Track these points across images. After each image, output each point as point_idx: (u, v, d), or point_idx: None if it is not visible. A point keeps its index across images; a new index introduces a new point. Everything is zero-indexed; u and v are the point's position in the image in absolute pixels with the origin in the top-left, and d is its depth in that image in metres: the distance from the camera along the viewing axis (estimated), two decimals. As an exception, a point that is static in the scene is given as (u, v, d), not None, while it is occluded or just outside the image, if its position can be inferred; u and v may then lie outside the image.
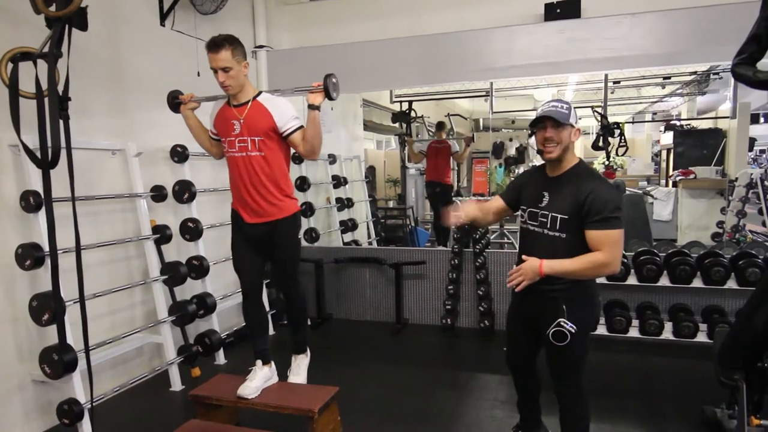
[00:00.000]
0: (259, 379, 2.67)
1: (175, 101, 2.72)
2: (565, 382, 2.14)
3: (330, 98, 2.49)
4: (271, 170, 2.54)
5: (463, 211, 2.33)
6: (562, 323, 1.96)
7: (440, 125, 6.39)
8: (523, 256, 2.03)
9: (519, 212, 2.21)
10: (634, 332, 3.82)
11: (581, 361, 2.13)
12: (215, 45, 2.40)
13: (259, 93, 2.56)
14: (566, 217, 1.97)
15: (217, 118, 2.62)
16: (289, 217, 2.63)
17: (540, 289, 2.04)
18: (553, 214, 2.00)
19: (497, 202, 2.32)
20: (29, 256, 2.63)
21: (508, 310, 2.33)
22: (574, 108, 2.00)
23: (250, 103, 2.51)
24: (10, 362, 2.77)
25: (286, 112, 2.51)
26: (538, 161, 2.90)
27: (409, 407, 3.09)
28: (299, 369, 2.89)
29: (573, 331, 1.96)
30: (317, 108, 2.47)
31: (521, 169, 6.73)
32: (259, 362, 2.73)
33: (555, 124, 1.96)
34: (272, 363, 2.79)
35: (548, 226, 2.02)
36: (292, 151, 2.68)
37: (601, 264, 1.91)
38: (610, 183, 2.00)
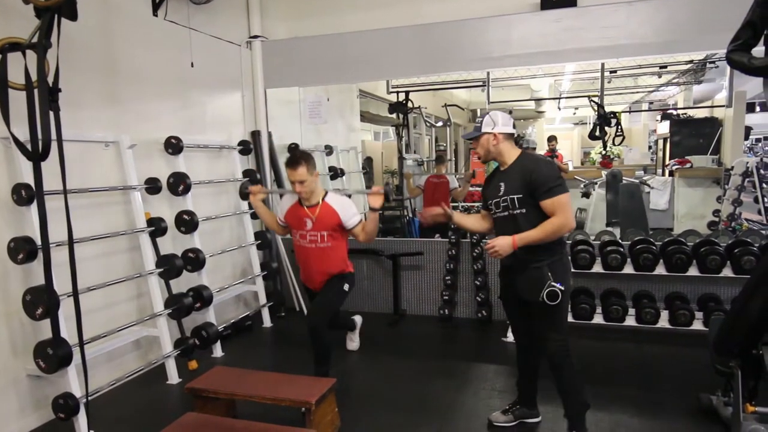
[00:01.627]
0: (356, 336, 3.78)
1: (245, 192, 3.33)
2: (554, 340, 2.40)
3: (388, 202, 2.98)
4: (336, 254, 3.10)
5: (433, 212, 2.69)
6: (552, 284, 2.30)
7: (439, 159, 6.17)
8: (500, 237, 2.38)
9: (491, 207, 2.54)
10: (630, 321, 3.82)
11: (565, 315, 2.50)
12: (294, 163, 2.90)
13: (326, 193, 3.07)
14: (520, 195, 2.36)
15: (289, 214, 3.14)
16: (341, 273, 3.15)
17: (527, 265, 2.39)
18: (511, 196, 2.40)
19: (484, 213, 2.70)
20: (22, 249, 2.61)
21: (501, 293, 2.70)
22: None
23: (320, 204, 3.03)
24: (5, 357, 2.75)
25: (350, 211, 3.06)
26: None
27: (407, 397, 3.09)
28: None
29: (563, 288, 2.31)
30: (377, 210, 2.99)
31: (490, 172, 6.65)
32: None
33: (472, 139, 2.54)
34: (357, 330, 3.74)
35: (510, 207, 2.40)
36: None
37: (559, 226, 2.30)
38: (548, 160, 2.56)
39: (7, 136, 2.40)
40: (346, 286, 3.15)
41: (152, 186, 3.52)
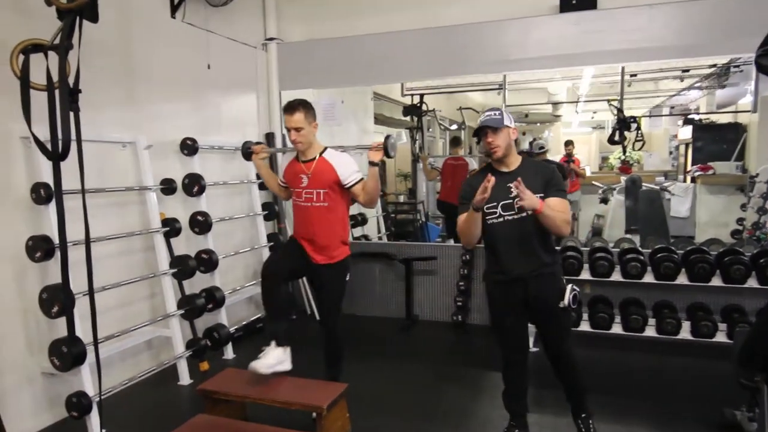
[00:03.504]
0: (273, 357, 2.69)
1: (248, 151, 3.12)
2: (567, 344, 2.46)
3: (388, 156, 2.77)
4: (334, 217, 2.85)
5: None
6: (572, 288, 2.35)
7: (455, 141, 6.25)
8: (521, 187, 2.20)
9: (487, 212, 2.37)
10: (650, 331, 3.78)
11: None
12: (291, 108, 2.72)
13: (325, 149, 2.84)
14: (541, 195, 2.30)
15: (287, 171, 2.95)
16: (341, 262, 2.88)
17: (539, 271, 2.37)
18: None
19: (462, 217, 2.43)
20: (39, 248, 2.67)
21: (495, 305, 2.54)
22: (510, 113, 2.40)
23: (316, 159, 2.80)
24: (21, 354, 2.81)
25: (349, 168, 2.81)
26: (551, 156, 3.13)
27: (420, 405, 3.09)
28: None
29: (578, 291, 2.39)
30: (377, 165, 2.76)
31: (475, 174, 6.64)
32: (273, 343, 2.74)
33: (493, 129, 2.33)
34: (288, 348, 2.78)
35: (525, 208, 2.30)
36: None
37: (566, 220, 2.31)
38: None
39: (27, 136, 2.46)
40: (348, 276, 2.94)
41: (167, 187, 3.58)
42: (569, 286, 2.36)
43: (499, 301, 2.50)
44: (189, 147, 3.76)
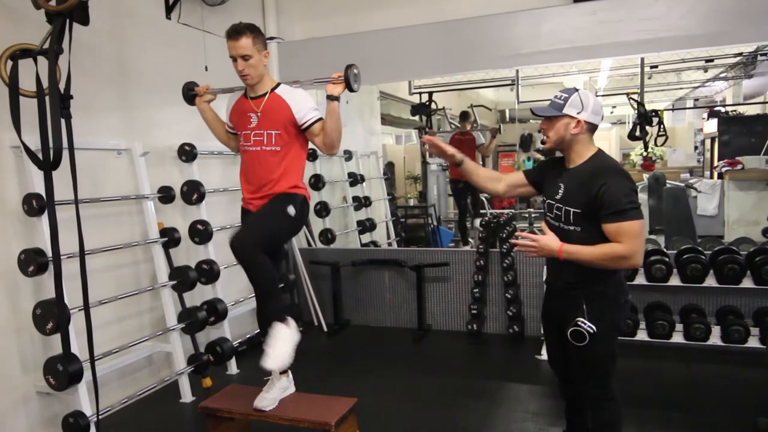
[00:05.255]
0: (277, 389, 2.63)
1: (190, 93, 2.77)
2: (589, 386, 2.15)
3: (351, 89, 2.48)
4: (287, 165, 2.53)
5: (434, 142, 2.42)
6: (579, 323, 2.01)
7: (464, 115, 6.31)
8: (544, 229, 2.09)
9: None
10: (678, 337, 3.73)
11: (607, 364, 2.12)
12: (236, 32, 2.42)
13: (278, 85, 2.57)
14: (579, 211, 2.02)
15: (234, 111, 2.65)
16: (288, 192, 2.55)
17: (562, 288, 2.14)
18: (567, 207, 2.06)
19: (517, 176, 2.38)
20: (32, 261, 2.68)
21: (542, 311, 2.38)
22: (598, 95, 2.12)
23: (267, 95, 2.52)
24: (14, 373, 2.81)
25: (305, 104, 2.51)
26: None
27: (434, 419, 3.06)
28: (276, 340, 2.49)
29: (592, 331, 1.99)
30: (337, 99, 2.47)
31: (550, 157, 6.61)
32: (275, 373, 2.69)
33: (546, 117, 2.08)
34: (289, 372, 2.75)
35: (563, 219, 2.08)
36: (309, 146, 2.67)
37: (620, 256, 1.93)
38: (626, 173, 2.08)
39: (18, 145, 2.48)
40: (290, 209, 2.52)
41: (165, 195, 3.59)
42: (578, 320, 2.01)
43: (544, 303, 2.37)
44: (187, 153, 3.77)
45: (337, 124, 2.49)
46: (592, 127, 2.07)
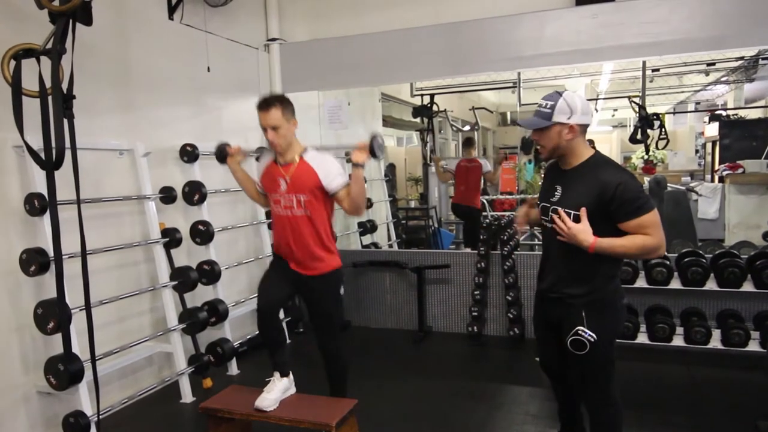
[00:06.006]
0: (278, 390, 2.66)
1: (222, 153, 2.90)
2: (589, 392, 2.15)
3: (375, 157, 2.61)
4: (316, 227, 2.67)
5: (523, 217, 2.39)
6: (580, 332, 1.99)
7: (468, 142, 6.23)
8: (582, 218, 1.97)
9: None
10: (678, 341, 3.72)
11: (606, 370, 2.11)
12: (266, 104, 2.56)
13: (305, 150, 2.69)
14: (580, 211, 1.98)
15: (264, 175, 2.77)
16: (330, 273, 2.75)
17: (560, 296, 2.10)
18: (567, 210, 2.01)
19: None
20: (34, 261, 2.68)
21: (534, 314, 2.38)
22: (599, 98, 2.15)
23: (296, 162, 2.64)
24: (15, 373, 2.82)
25: (332, 170, 2.64)
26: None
27: (433, 421, 3.06)
28: None
29: (592, 340, 1.98)
30: (362, 166, 2.58)
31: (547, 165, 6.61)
32: (277, 374, 2.72)
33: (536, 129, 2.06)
34: (290, 374, 2.78)
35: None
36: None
37: (652, 248, 1.93)
38: (628, 169, 2.09)
39: (20, 145, 2.49)
40: (341, 290, 2.83)
41: (167, 195, 3.59)
42: (578, 329, 2.00)
43: (535, 309, 2.35)
44: (189, 153, 3.77)
45: (362, 190, 2.62)
46: (584, 128, 2.06)
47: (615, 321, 2.11)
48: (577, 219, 1.99)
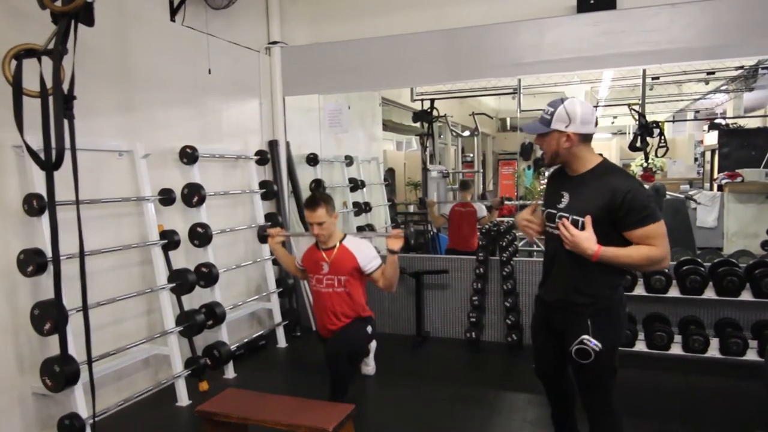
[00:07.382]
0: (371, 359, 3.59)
1: (263, 234, 3.36)
2: (590, 399, 2.16)
3: (409, 246, 2.98)
4: (353, 301, 3.15)
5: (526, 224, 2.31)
6: (585, 341, 1.99)
7: (464, 185, 6.12)
8: (587, 226, 1.97)
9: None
10: (676, 349, 3.72)
11: (608, 378, 2.13)
12: (314, 204, 3.02)
13: (344, 236, 3.17)
14: (587, 218, 1.98)
15: (306, 258, 3.24)
16: (363, 316, 3.20)
17: (565, 303, 2.11)
18: (574, 217, 2.01)
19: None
20: (31, 262, 2.67)
21: (532, 320, 2.40)
22: (599, 105, 2.14)
23: (337, 247, 3.12)
24: (11, 374, 2.80)
25: (369, 254, 3.14)
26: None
27: (430, 426, 3.05)
28: None
29: (597, 349, 1.99)
30: (397, 253, 3.01)
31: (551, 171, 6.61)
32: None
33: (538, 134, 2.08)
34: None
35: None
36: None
37: (657, 259, 1.94)
38: (636, 177, 2.11)
39: (20, 145, 2.48)
40: (369, 329, 3.21)
41: (166, 197, 3.59)
42: (583, 338, 1.99)
43: (535, 315, 2.36)
44: (188, 155, 3.77)
45: (395, 272, 3.07)
46: (586, 137, 2.04)
47: (618, 330, 2.11)
48: (582, 225, 1.98)
